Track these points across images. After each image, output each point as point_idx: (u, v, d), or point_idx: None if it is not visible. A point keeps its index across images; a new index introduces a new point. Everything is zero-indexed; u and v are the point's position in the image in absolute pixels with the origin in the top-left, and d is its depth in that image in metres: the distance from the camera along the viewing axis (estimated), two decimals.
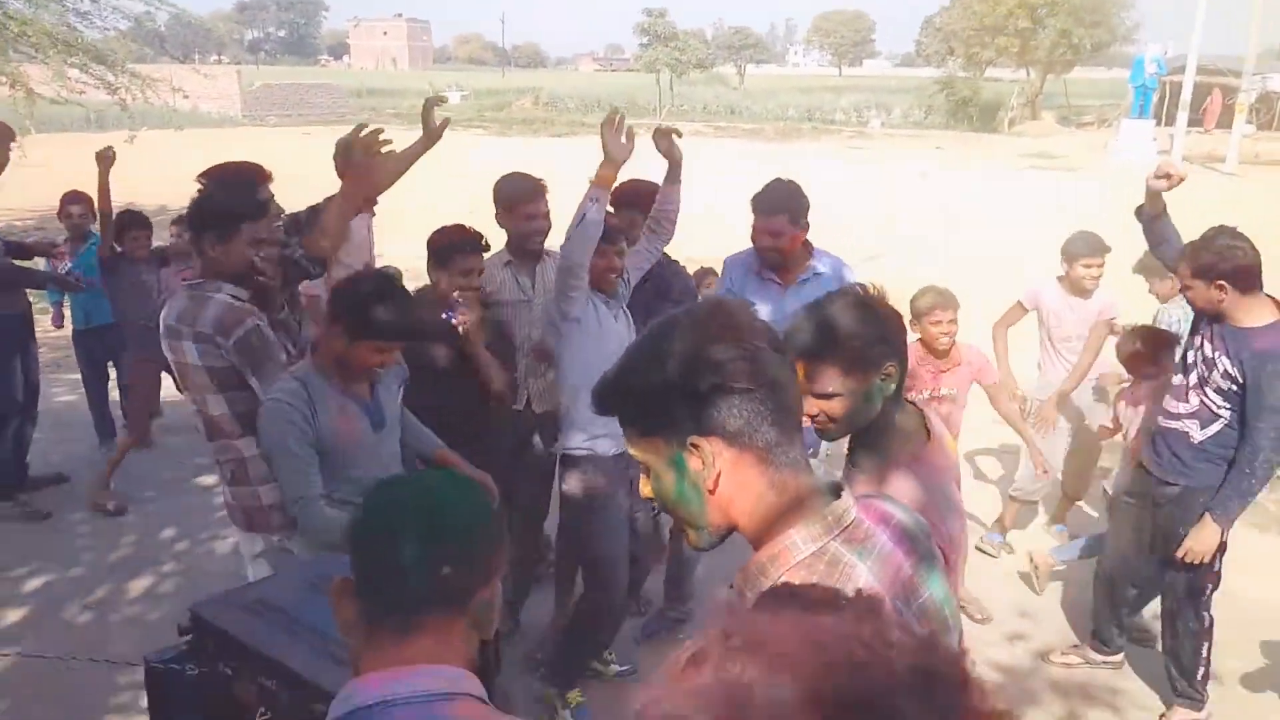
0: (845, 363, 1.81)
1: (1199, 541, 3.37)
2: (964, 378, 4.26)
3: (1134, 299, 5.07)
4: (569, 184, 4.16)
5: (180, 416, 5.41)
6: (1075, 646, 4.02)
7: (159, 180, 11.97)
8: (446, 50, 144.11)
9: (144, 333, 4.90)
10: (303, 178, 3.47)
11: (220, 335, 2.78)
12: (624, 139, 3.24)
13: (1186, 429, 3.45)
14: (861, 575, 1.19)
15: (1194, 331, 3.52)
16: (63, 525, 4.90)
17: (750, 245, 3.71)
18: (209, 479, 5.23)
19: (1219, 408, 3.36)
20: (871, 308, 1.85)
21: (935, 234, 12.17)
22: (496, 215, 3.74)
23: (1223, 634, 4.01)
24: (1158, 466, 3.57)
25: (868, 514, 1.29)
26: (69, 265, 5.56)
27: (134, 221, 5.36)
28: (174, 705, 2.07)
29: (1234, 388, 3.29)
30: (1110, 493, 4.23)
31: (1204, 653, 3.55)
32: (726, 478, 1.21)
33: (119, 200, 5.31)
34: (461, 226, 3.54)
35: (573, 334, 3.31)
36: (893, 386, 1.86)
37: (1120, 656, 3.93)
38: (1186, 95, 21.80)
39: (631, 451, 1.30)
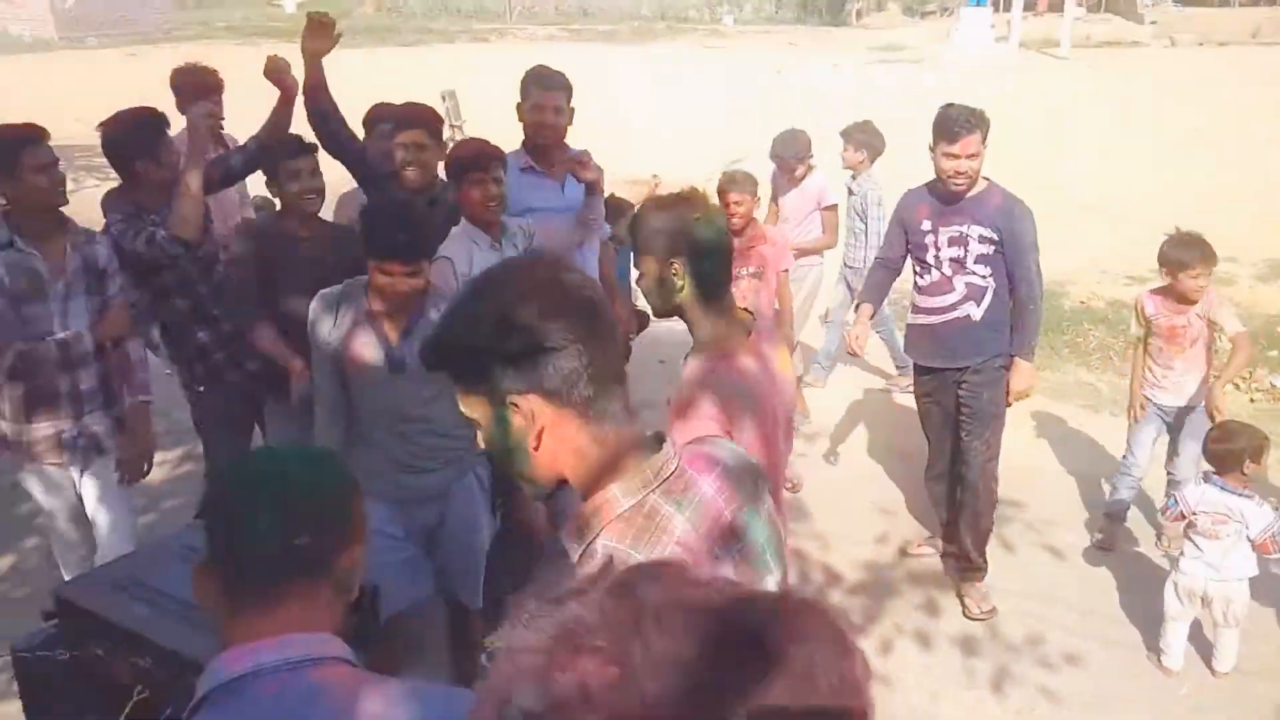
0: (640, 248, 2.10)
1: (1021, 380, 3.71)
2: (763, 258, 4.44)
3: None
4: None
5: None
6: (929, 538, 4.29)
7: None
8: None
9: None
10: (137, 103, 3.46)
11: None
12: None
13: (965, 313, 3.71)
14: (678, 526, 1.26)
15: (915, 232, 3.79)
16: None
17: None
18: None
19: (983, 277, 3.65)
20: (671, 209, 2.08)
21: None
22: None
23: (1057, 511, 4.39)
24: (949, 359, 3.81)
25: (693, 462, 1.35)
26: None
27: None
28: (47, 691, 2.05)
29: (993, 248, 3.60)
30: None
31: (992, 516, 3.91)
32: (549, 434, 1.25)
33: None
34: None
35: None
36: (680, 283, 2.06)
37: None
38: None
39: (461, 407, 1.34)
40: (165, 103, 3.58)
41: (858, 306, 4.18)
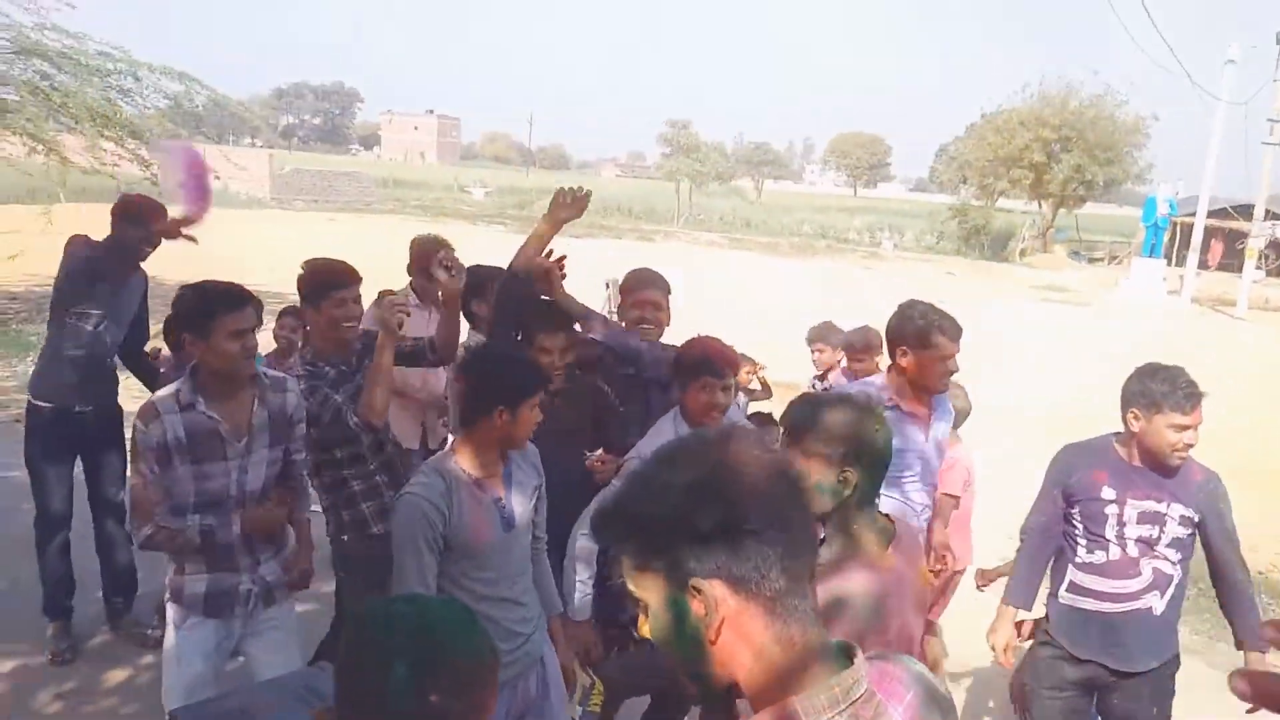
0: (806, 449, 1.99)
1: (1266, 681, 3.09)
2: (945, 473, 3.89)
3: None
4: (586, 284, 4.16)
5: None
6: None
7: (184, 260, 12.07)
8: (474, 147, 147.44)
9: None
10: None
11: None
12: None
13: (1148, 605, 3.16)
14: None
15: (1088, 501, 3.21)
16: (34, 601, 4.37)
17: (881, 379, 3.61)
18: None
19: (1173, 564, 3.15)
20: (856, 417, 2.00)
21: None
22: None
23: None
24: (1121, 659, 3.20)
25: (881, 683, 1.19)
26: None
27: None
28: None
29: (1189, 532, 3.13)
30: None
31: None
32: (729, 627, 1.12)
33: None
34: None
35: None
36: (846, 493, 1.96)
37: None
38: (1197, 238, 22.13)
39: (630, 586, 1.20)
40: (364, 263, 3.70)
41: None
